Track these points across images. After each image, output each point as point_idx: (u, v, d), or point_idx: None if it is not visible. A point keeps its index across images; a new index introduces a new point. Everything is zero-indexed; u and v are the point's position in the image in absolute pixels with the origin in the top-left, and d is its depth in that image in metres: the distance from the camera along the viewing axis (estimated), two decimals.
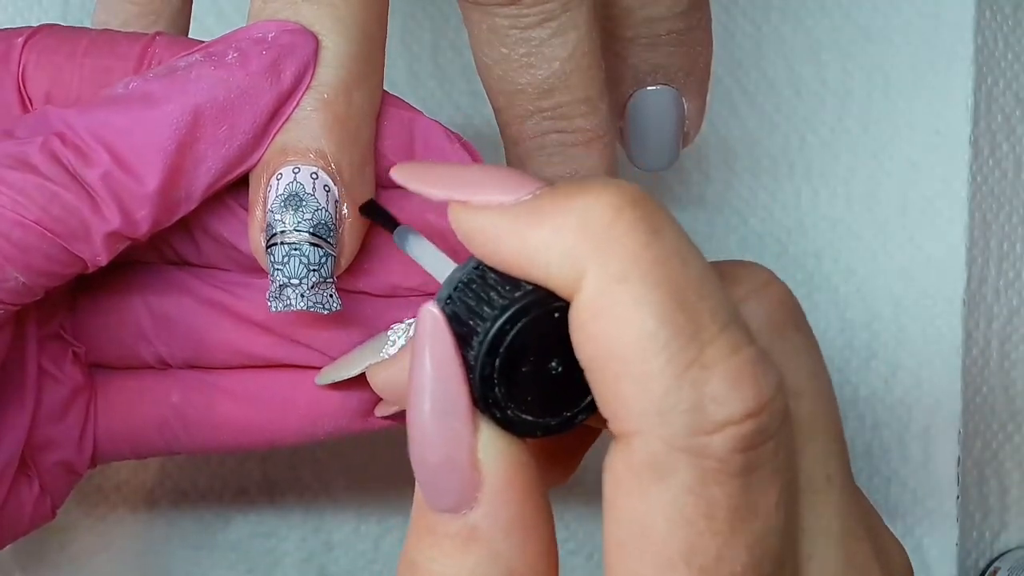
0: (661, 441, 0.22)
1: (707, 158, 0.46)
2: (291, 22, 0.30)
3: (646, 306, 0.22)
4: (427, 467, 0.24)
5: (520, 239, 0.24)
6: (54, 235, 0.29)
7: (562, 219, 0.23)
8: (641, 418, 0.22)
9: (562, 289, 0.23)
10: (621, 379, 0.22)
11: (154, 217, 0.30)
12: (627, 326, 0.22)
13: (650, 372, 0.22)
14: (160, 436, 0.34)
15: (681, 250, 0.23)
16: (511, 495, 0.24)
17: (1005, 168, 0.47)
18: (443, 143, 0.32)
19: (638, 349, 0.22)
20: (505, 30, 0.32)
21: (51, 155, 0.29)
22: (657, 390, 0.22)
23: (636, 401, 0.22)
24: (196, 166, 0.30)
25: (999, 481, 0.45)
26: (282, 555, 0.43)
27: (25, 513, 0.34)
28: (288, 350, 0.33)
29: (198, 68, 0.30)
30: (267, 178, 0.30)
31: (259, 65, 0.30)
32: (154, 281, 0.34)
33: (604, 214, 0.23)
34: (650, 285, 0.22)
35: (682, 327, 0.22)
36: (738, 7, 0.47)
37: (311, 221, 0.30)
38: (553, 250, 0.23)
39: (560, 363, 0.25)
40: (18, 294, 0.30)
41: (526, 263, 0.24)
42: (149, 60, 0.32)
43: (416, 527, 0.25)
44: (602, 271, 0.23)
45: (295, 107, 0.30)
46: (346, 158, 0.31)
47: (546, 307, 0.24)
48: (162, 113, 0.30)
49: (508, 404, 0.25)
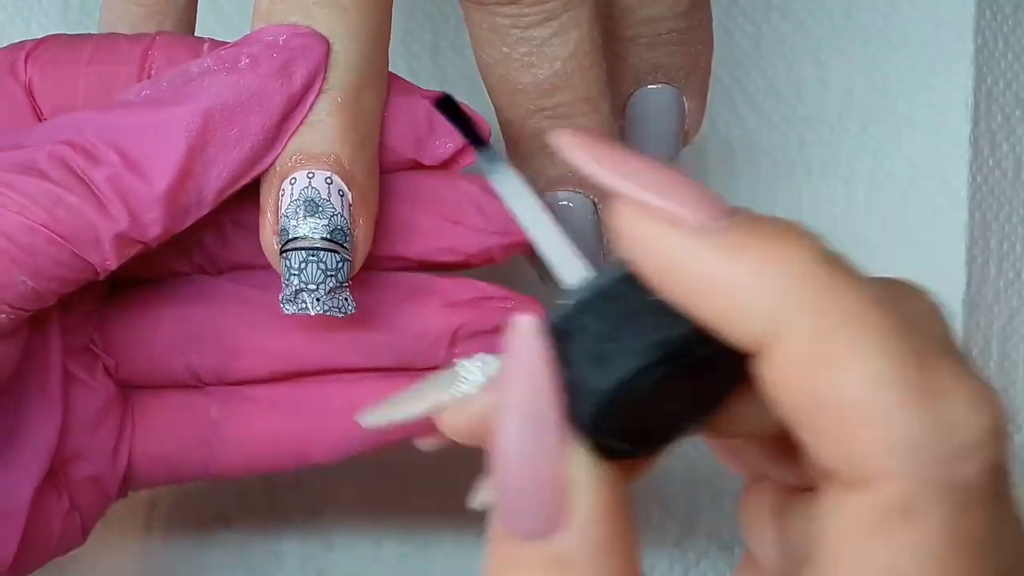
0: (911, 479, 0.21)
1: (707, 158, 0.46)
2: (302, 26, 0.30)
3: (871, 347, 0.21)
4: (513, 488, 0.23)
5: (710, 273, 0.22)
6: (61, 238, 0.29)
7: (764, 264, 0.22)
8: (886, 459, 0.21)
9: (746, 337, 0.22)
10: (855, 426, 0.21)
11: (164, 220, 0.30)
12: (854, 370, 0.21)
13: (888, 411, 0.21)
14: (197, 456, 0.34)
15: (877, 291, 0.22)
16: (603, 518, 0.23)
17: (1005, 168, 0.47)
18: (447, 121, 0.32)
19: (871, 391, 0.21)
20: (506, 29, 0.32)
21: (58, 159, 0.30)
22: (899, 427, 0.21)
23: (877, 443, 0.21)
24: (206, 169, 0.30)
25: None
26: (282, 555, 0.43)
27: (54, 529, 0.33)
28: (322, 347, 0.33)
29: (210, 73, 0.30)
30: (280, 182, 0.30)
31: (269, 68, 0.30)
32: (182, 290, 0.34)
33: (811, 261, 0.22)
34: (870, 327, 0.21)
35: (909, 361, 0.21)
36: (738, 7, 0.47)
37: (328, 227, 0.30)
38: (750, 295, 0.21)
39: (680, 404, 0.23)
40: (28, 299, 0.30)
41: (709, 301, 0.22)
42: (150, 62, 0.32)
43: (496, 560, 0.24)
44: (817, 320, 0.21)
45: (308, 111, 0.30)
46: (359, 162, 0.31)
47: (702, 352, 0.22)
48: (172, 116, 0.30)
49: (616, 434, 0.23)
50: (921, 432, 0.21)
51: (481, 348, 0.28)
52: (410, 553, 0.43)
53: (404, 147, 0.32)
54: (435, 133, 0.33)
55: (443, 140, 0.33)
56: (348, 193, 0.30)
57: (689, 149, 0.42)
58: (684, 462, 0.44)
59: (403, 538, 0.43)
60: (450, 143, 0.33)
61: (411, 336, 0.33)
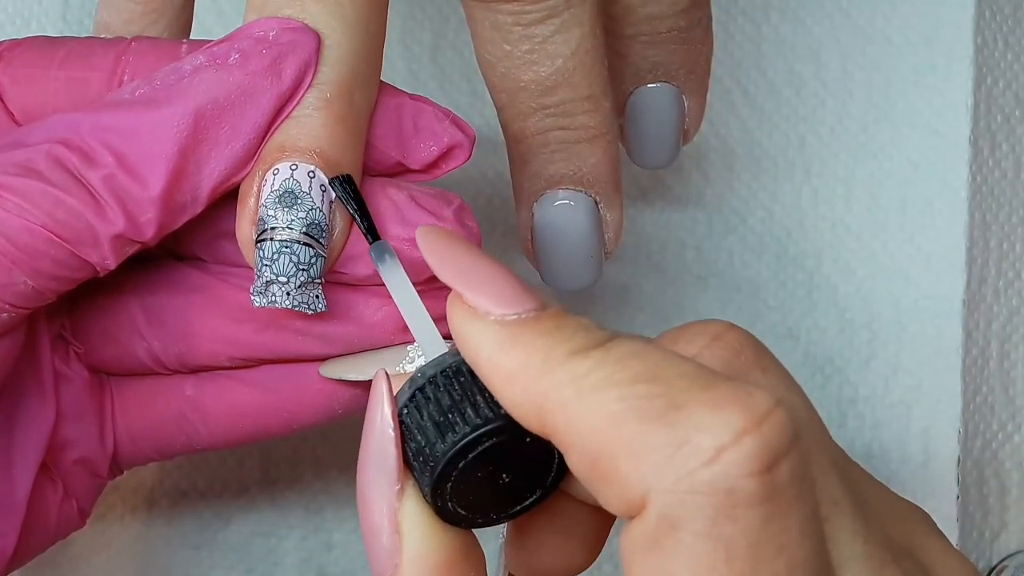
0: (666, 491, 0.22)
1: (707, 158, 0.46)
2: (294, 19, 0.30)
3: (609, 394, 0.23)
4: (363, 527, 0.26)
5: (495, 362, 0.25)
6: (61, 240, 0.29)
7: (526, 357, 0.24)
8: (640, 481, 0.22)
9: (525, 423, 0.24)
10: (615, 461, 0.23)
11: (160, 221, 0.30)
12: (599, 418, 0.23)
13: (634, 438, 0.22)
14: (180, 431, 0.34)
15: (633, 347, 0.24)
16: (426, 569, 0.26)
17: (1005, 168, 0.47)
18: (432, 124, 0.32)
19: (620, 430, 0.23)
20: (508, 27, 0.32)
21: (56, 160, 0.30)
22: (644, 448, 0.22)
23: (631, 470, 0.22)
24: (199, 168, 0.30)
25: (999, 481, 0.45)
26: (282, 555, 0.43)
27: (51, 516, 0.33)
28: (275, 336, 0.33)
29: (200, 71, 0.30)
30: (263, 172, 0.30)
31: (259, 64, 0.30)
32: (147, 275, 0.34)
33: (563, 352, 0.24)
34: (604, 382, 0.23)
35: (652, 388, 0.23)
36: (738, 7, 0.47)
37: (304, 220, 0.30)
38: (517, 384, 0.24)
39: (510, 476, 0.26)
40: (28, 298, 0.30)
41: (494, 385, 0.25)
42: (123, 69, 0.32)
43: None
44: (562, 395, 0.24)
45: (296, 104, 0.30)
46: (344, 159, 0.30)
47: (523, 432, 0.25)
48: (163, 116, 0.30)
49: (452, 498, 0.26)
50: (663, 445, 0.22)
51: None
52: None
53: (389, 148, 0.32)
54: (420, 136, 0.32)
55: (428, 143, 0.32)
56: (330, 189, 0.30)
57: (689, 148, 0.42)
58: None
59: None
60: (434, 146, 0.32)
61: (365, 326, 0.32)
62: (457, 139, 0.32)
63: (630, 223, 0.45)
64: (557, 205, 0.35)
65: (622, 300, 0.45)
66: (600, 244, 0.36)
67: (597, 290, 0.45)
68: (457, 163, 0.33)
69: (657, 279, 0.45)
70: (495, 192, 0.46)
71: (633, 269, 0.45)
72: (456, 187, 0.33)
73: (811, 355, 0.45)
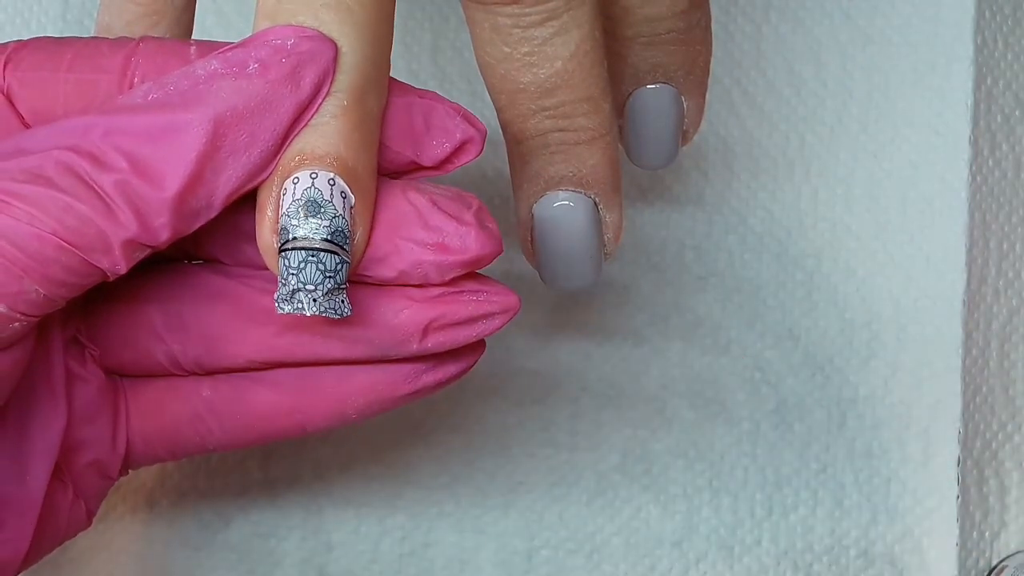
0: None
1: (706, 158, 0.46)
2: (309, 28, 0.30)
3: None
4: None
5: None
6: (72, 246, 0.29)
7: None
8: None
9: None
10: None
11: (173, 225, 0.30)
12: None
13: None
14: (195, 432, 0.34)
15: None
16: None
17: (1005, 168, 0.47)
18: (444, 121, 0.32)
19: None
20: (507, 29, 0.32)
21: (65, 166, 0.30)
22: None
23: None
24: (216, 175, 0.30)
25: (999, 481, 0.45)
26: (282, 555, 0.43)
27: (61, 519, 0.34)
28: (296, 339, 0.33)
29: (217, 77, 0.30)
30: (282, 180, 0.30)
31: (279, 73, 0.30)
32: (163, 277, 0.34)
33: None
34: None
35: None
36: (738, 7, 0.47)
37: (329, 228, 0.30)
38: None
39: None
40: (38, 306, 0.30)
41: None
42: (133, 71, 0.32)
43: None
44: None
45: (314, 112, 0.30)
46: (361, 164, 0.31)
47: None
48: (181, 121, 0.30)
49: None
50: None
51: (452, 340, 0.32)
52: (410, 553, 0.43)
53: (401, 147, 0.32)
54: (432, 133, 0.32)
55: (440, 139, 0.33)
56: (351, 195, 0.30)
57: (688, 148, 0.42)
58: (684, 461, 0.44)
59: (403, 537, 0.43)
60: (447, 142, 0.33)
61: (386, 328, 0.32)
62: (469, 134, 0.32)
63: (630, 223, 0.45)
64: (557, 206, 0.35)
65: (622, 300, 0.45)
66: (599, 245, 0.36)
67: (597, 290, 0.45)
68: (469, 157, 0.33)
69: (656, 279, 0.45)
70: (495, 192, 0.46)
71: (633, 269, 0.45)
72: (456, 187, 0.34)
73: (811, 355, 0.45)
